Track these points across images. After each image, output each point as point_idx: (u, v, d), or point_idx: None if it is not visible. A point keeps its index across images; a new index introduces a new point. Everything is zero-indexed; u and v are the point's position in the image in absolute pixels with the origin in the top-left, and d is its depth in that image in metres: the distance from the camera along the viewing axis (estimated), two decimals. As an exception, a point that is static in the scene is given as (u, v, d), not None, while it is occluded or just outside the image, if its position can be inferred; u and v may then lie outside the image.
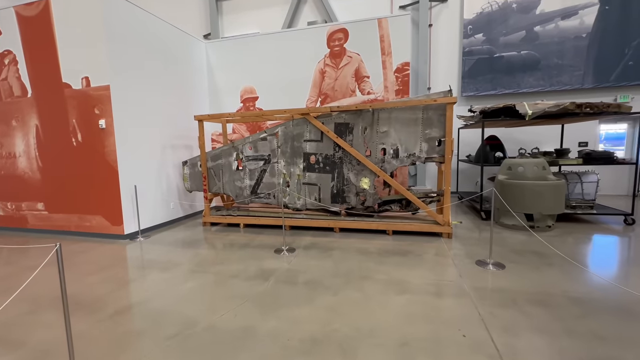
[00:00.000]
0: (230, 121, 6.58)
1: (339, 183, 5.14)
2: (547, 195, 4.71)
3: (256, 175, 5.55)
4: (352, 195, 5.13)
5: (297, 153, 5.28)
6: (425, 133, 4.72)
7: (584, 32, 7.47)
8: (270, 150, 5.43)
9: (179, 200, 6.25)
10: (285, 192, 5.43)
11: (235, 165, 5.66)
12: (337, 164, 5.11)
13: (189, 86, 6.63)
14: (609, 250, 4.01)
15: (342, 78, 6.40)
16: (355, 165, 5.04)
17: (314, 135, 5.16)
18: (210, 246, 4.66)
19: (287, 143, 5.32)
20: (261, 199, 5.58)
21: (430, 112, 4.66)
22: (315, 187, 5.27)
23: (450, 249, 4.25)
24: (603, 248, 4.11)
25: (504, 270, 3.48)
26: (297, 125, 5.23)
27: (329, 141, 5.10)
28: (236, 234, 5.32)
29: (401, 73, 6.10)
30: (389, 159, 4.90)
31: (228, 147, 5.65)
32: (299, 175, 5.33)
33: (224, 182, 5.75)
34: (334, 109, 4.90)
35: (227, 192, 5.78)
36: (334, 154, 5.10)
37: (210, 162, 5.78)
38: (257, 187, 5.58)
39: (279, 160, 5.39)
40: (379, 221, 5.05)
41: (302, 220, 5.35)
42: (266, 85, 6.93)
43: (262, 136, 5.43)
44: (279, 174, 5.41)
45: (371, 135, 4.93)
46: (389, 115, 4.83)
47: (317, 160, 5.20)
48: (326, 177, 5.19)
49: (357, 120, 4.95)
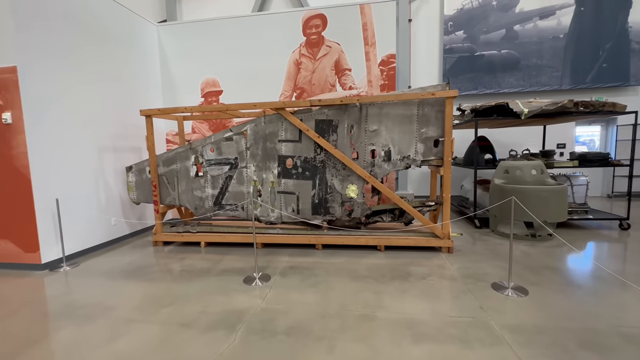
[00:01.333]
0: (190, 118, 5.53)
1: (321, 191, 4.34)
2: (552, 201, 4.27)
3: (220, 183, 4.58)
4: (336, 206, 4.35)
5: (271, 156, 4.41)
6: (421, 132, 4.07)
7: (561, 33, 7.40)
8: (237, 153, 4.50)
9: (122, 214, 5.08)
10: (256, 202, 4.52)
11: (193, 171, 4.64)
12: (318, 168, 4.31)
13: (138, 77, 5.49)
14: (631, 260, 3.61)
15: (321, 70, 5.64)
16: (340, 170, 4.28)
17: (291, 134, 4.33)
18: (160, 276, 3.62)
19: (257, 144, 4.42)
20: (227, 211, 4.62)
21: (427, 108, 4.03)
22: (292, 197, 4.43)
23: (456, 267, 3.61)
24: (618, 258, 3.70)
25: (527, 296, 2.88)
26: (269, 122, 4.36)
27: (308, 141, 4.29)
28: (196, 255, 4.30)
29: (386, 66, 5.47)
30: (380, 162, 4.20)
31: (184, 149, 4.63)
32: (272, 183, 4.45)
33: (180, 192, 4.71)
34: (315, 102, 4.10)
35: (184, 203, 4.74)
36: (315, 157, 4.30)
37: (163, 167, 4.71)
38: (222, 197, 4.61)
39: (248, 165, 4.48)
40: (369, 235, 4.32)
41: (278, 236, 4.47)
42: (232, 77, 5.98)
43: (227, 135, 4.48)
44: (249, 181, 4.50)
45: (359, 134, 4.20)
46: (379, 111, 4.13)
47: (295, 165, 4.36)
48: (306, 185, 4.36)
49: (342, 117, 4.20)
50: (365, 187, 4.33)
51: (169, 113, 4.49)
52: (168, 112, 4.48)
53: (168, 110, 4.48)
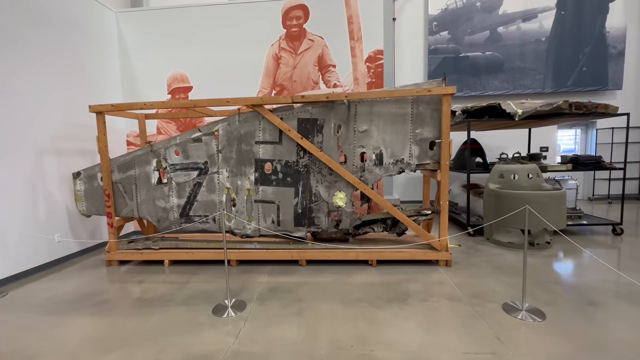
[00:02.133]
0: (153, 117, 4.85)
1: (305, 200, 3.83)
2: (552, 207, 4.00)
3: (187, 191, 3.95)
4: (322, 216, 3.85)
5: (247, 159, 3.85)
6: (415, 133, 3.67)
7: (543, 36, 7.38)
8: (207, 156, 3.89)
9: (70, 229, 4.31)
10: (230, 213, 3.93)
11: (155, 178, 3.99)
12: (301, 173, 3.80)
13: (92, 70, 4.74)
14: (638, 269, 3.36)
15: (302, 66, 5.15)
16: (326, 175, 3.79)
17: (270, 135, 3.79)
18: (109, 307, 2.95)
19: (231, 146, 3.85)
20: (195, 224, 3.99)
21: (422, 107, 3.64)
22: (272, 206, 3.88)
23: (457, 284, 3.21)
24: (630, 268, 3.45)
25: (545, 320, 2.50)
26: (245, 121, 3.81)
27: (290, 143, 3.77)
28: (157, 276, 3.64)
29: (374, 63, 5.07)
30: (371, 166, 3.75)
31: (144, 152, 3.96)
32: (249, 190, 3.89)
33: (140, 202, 4.03)
34: (297, 99, 3.60)
35: (144, 215, 4.06)
36: (298, 161, 3.79)
37: (118, 173, 4.02)
38: (189, 207, 3.98)
39: (220, 170, 3.89)
40: (359, 248, 3.85)
41: (255, 251, 3.90)
42: (203, 72, 5.35)
43: (195, 136, 3.87)
44: (221, 188, 3.91)
45: (347, 135, 3.74)
46: (369, 110, 3.69)
47: (275, 170, 3.83)
48: (287, 192, 3.84)
49: (329, 116, 3.72)
50: (354, 194, 3.87)
51: (125, 110, 3.82)
52: (123, 108, 3.81)
53: (123, 106, 3.81)
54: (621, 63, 7.32)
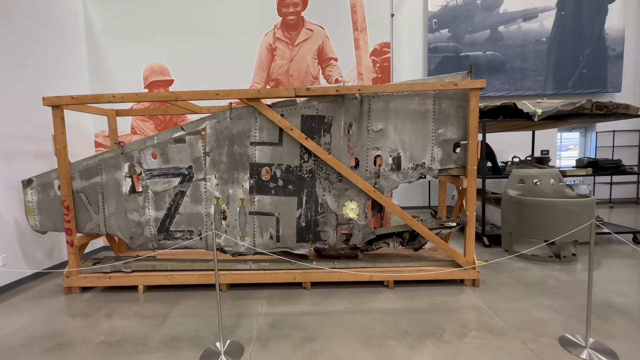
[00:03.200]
0: (126, 113, 4.14)
1: (309, 211, 3.25)
2: (583, 216, 3.62)
3: (167, 202, 3.29)
4: (330, 230, 3.28)
5: (240, 164, 3.23)
6: (438, 133, 3.19)
7: (544, 36, 7.18)
8: (191, 160, 3.25)
9: (19, 249, 3.53)
10: (219, 228, 3.29)
11: (128, 186, 3.29)
12: (306, 180, 3.23)
13: (50, 58, 3.99)
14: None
15: (300, 59, 4.59)
16: (334, 182, 3.23)
17: (268, 135, 3.20)
18: (63, 356, 2.25)
19: (221, 147, 3.23)
20: (177, 241, 3.33)
21: (445, 103, 3.17)
22: (270, 219, 3.28)
23: (495, 310, 2.72)
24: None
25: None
26: (238, 118, 3.20)
27: (292, 145, 3.19)
28: (129, 308, 2.95)
29: (379, 56, 4.59)
30: (387, 172, 3.23)
31: (113, 155, 3.27)
32: (242, 201, 3.27)
33: (108, 215, 3.32)
34: (301, 92, 3.04)
35: (114, 231, 3.35)
36: (301, 165, 3.22)
37: (80, 180, 3.30)
38: (170, 221, 3.31)
39: (207, 177, 3.26)
40: (373, 267, 3.30)
41: (250, 273, 3.28)
42: (186, 64, 4.69)
43: (177, 136, 3.22)
44: (209, 198, 3.27)
45: (359, 135, 3.20)
46: (385, 106, 3.17)
47: (274, 176, 3.23)
48: (289, 202, 3.25)
49: (338, 113, 3.18)
50: (366, 203, 3.33)
51: (89, 103, 3.12)
52: (87, 101, 3.11)
53: (87, 99, 3.11)
54: (620, 65, 7.22)
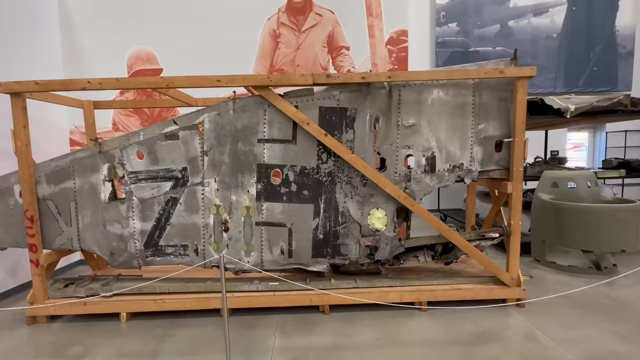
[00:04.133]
0: (105, 106, 3.54)
1: (328, 220, 2.75)
2: (631, 223, 3.24)
3: (156, 212, 2.72)
4: (352, 242, 2.79)
5: (245, 165, 2.70)
6: (478, 129, 2.74)
7: (555, 32, 6.90)
8: (186, 160, 2.69)
9: (-30, 268, 2.89)
10: (220, 241, 2.75)
11: (107, 192, 2.71)
12: (324, 185, 2.72)
13: (14, 42, 3.36)
14: None
15: (308, 47, 4.09)
16: (358, 186, 2.74)
17: (280, 130, 2.68)
18: None
19: (222, 145, 2.68)
20: (168, 257, 2.77)
21: (487, 94, 2.72)
22: (282, 230, 2.75)
23: (557, 340, 2.28)
24: None
25: None
26: (243, 110, 2.66)
27: (308, 142, 2.68)
28: (108, 344, 2.37)
29: (396, 45, 4.14)
30: (419, 174, 2.76)
31: (89, 154, 2.68)
32: (248, 209, 2.73)
33: (82, 228, 2.73)
34: (320, 78, 2.53)
35: (90, 246, 2.76)
36: (319, 167, 2.71)
37: (48, 185, 2.69)
38: (159, 234, 2.75)
39: (205, 181, 2.71)
40: (402, 285, 2.83)
41: (258, 295, 2.75)
42: (177, 51, 4.12)
43: (169, 131, 2.66)
44: (207, 206, 2.72)
45: (387, 131, 2.72)
46: (418, 97, 2.70)
47: (286, 179, 2.71)
48: (304, 211, 2.73)
49: (363, 104, 2.68)
50: (393, 212, 2.84)
51: (58, 90, 2.53)
52: (55, 87, 2.51)
53: (55, 85, 2.51)
54: (630, 63, 7.00)
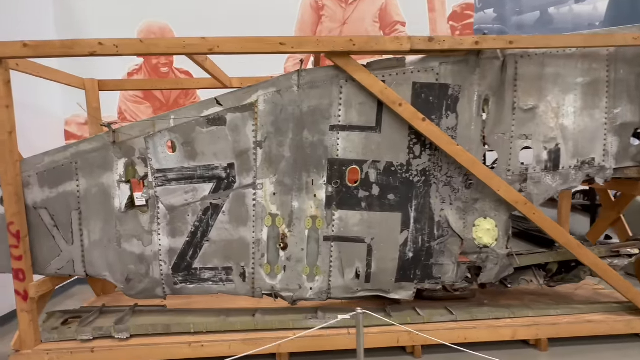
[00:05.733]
0: (114, 87, 2.82)
1: (420, 234, 2.08)
2: None
3: (190, 223, 2.01)
4: (449, 262, 2.13)
5: (312, 161, 2.01)
6: (614, 115, 2.12)
7: (597, 20, 6.43)
8: (233, 154, 1.99)
9: None
10: (275, 262, 2.06)
11: (124, 198, 1.99)
12: (415, 186, 2.06)
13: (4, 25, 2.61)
14: None
15: (357, 22, 3.44)
16: (460, 189, 2.08)
17: (359, 114, 2.00)
18: None
19: (282, 135, 1.99)
20: (204, 283, 2.07)
21: (624, 70, 2.11)
22: (358, 248, 2.08)
23: None
24: None
25: None
26: (311, 86, 1.97)
27: (397, 130, 2.01)
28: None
29: (460, 22, 3.57)
30: (538, 172, 2.12)
31: (98, 145, 1.96)
32: (314, 219, 2.05)
33: (88, 246, 2.00)
34: (419, 43, 1.87)
35: (98, 271, 2.04)
36: (410, 163, 2.04)
37: (41, 188, 1.96)
38: (194, 254, 2.04)
39: (258, 182, 2.01)
40: (512, 315, 2.18)
41: (326, 335, 2.06)
42: (195, 24, 3.39)
43: (213, 113, 1.95)
44: (260, 216, 2.02)
45: (500, 116, 2.08)
46: (540, 72, 2.06)
47: (366, 179, 2.03)
48: (389, 222, 2.06)
49: (469, 80, 2.03)
50: (496, 221, 2.20)
51: (53, 55, 1.80)
52: (51, 51, 1.78)
53: (52, 47, 1.78)
54: (674, 56, 6.59)
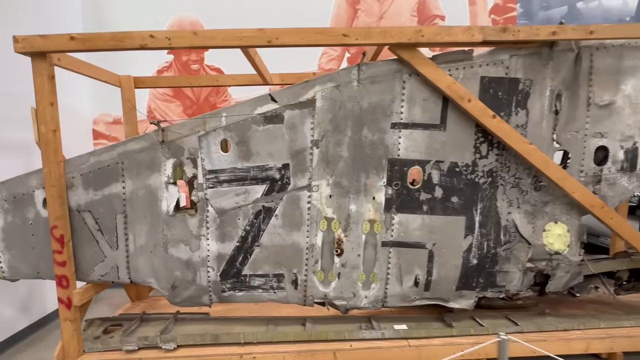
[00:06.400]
0: (151, 83, 2.71)
1: (486, 239, 1.94)
2: None
3: (241, 228, 1.89)
4: (514, 270, 1.98)
5: (371, 161, 1.88)
6: (697, 110, 1.96)
7: (628, 15, 6.19)
8: (289, 154, 1.86)
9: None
10: (330, 268, 1.93)
11: (171, 201, 1.87)
12: (481, 188, 1.92)
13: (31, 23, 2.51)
14: None
15: (394, 16, 3.30)
16: (528, 191, 1.94)
17: (424, 111, 1.86)
18: None
19: (340, 132, 1.86)
20: (254, 291, 1.95)
21: None
22: (419, 254, 1.94)
23: None
24: None
25: None
26: (372, 82, 1.84)
27: (462, 128, 1.87)
28: None
29: (502, 15, 3.46)
30: (613, 173, 1.97)
31: (146, 144, 1.84)
32: (372, 223, 1.92)
33: (134, 251, 1.89)
34: (492, 34, 1.72)
35: (144, 278, 1.93)
36: (475, 163, 1.90)
37: (85, 190, 1.85)
38: (244, 259, 1.92)
39: (314, 183, 1.88)
40: (583, 326, 2.04)
41: (385, 347, 1.93)
42: (228, 19, 3.27)
43: (270, 110, 1.83)
44: (315, 220, 1.90)
45: (573, 112, 1.92)
46: (617, 65, 1.90)
47: (429, 181, 1.90)
48: (451, 226, 1.92)
49: (541, 74, 1.88)
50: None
51: (105, 48, 1.68)
52: (103, 43, 1.66)
53: (102, 40, 1.66)
54: None
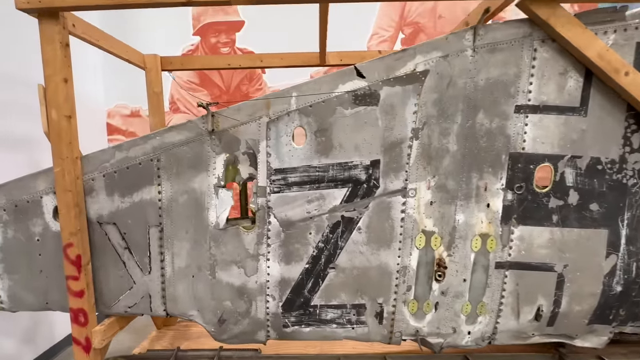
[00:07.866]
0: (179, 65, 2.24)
1: (632, 259, 1.48)
2: None
3: (312, 245, 1.43)
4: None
5: (486, 156, 1.42)
6: None
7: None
8: (381, 147, 1.40)
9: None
10: (425, 297, 1.47)
11: (223, 209, 1.42)
12: (629, 192, 1.45)
13: None
14: None
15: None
16: (690, 195, 1.48)
17: (558, 88, 1.40)
18: None
19: (447, 118, 1.40)
20: (326, 326, 1.49)
21: None
22: (544, 278, 1.48)
23: None
24: None
25: None
26: (491, 49, 1.37)
27: (609, 112, 1.41)
28: None
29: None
30: None
31: (189, 135, 1.38)
32: (484, 239, 1.46)
33: (171, 275, 1.43)
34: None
35: (184, 309, 1.47)
36: (624, 159, 1.44)
37: (108, 195, 1.39)
38: (314, 286, 1.46)
39: (410, 186, 1.42)
40: None
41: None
42: None
43: (361, 88, 1.36)
44: (410, 234, 1.44)
45: None
46: None
47: (561, 182, 1.44)
48: (588, 241, 1.46)
49: None
50: None
51: (133, 5, 1.22)
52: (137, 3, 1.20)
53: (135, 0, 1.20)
54: None
